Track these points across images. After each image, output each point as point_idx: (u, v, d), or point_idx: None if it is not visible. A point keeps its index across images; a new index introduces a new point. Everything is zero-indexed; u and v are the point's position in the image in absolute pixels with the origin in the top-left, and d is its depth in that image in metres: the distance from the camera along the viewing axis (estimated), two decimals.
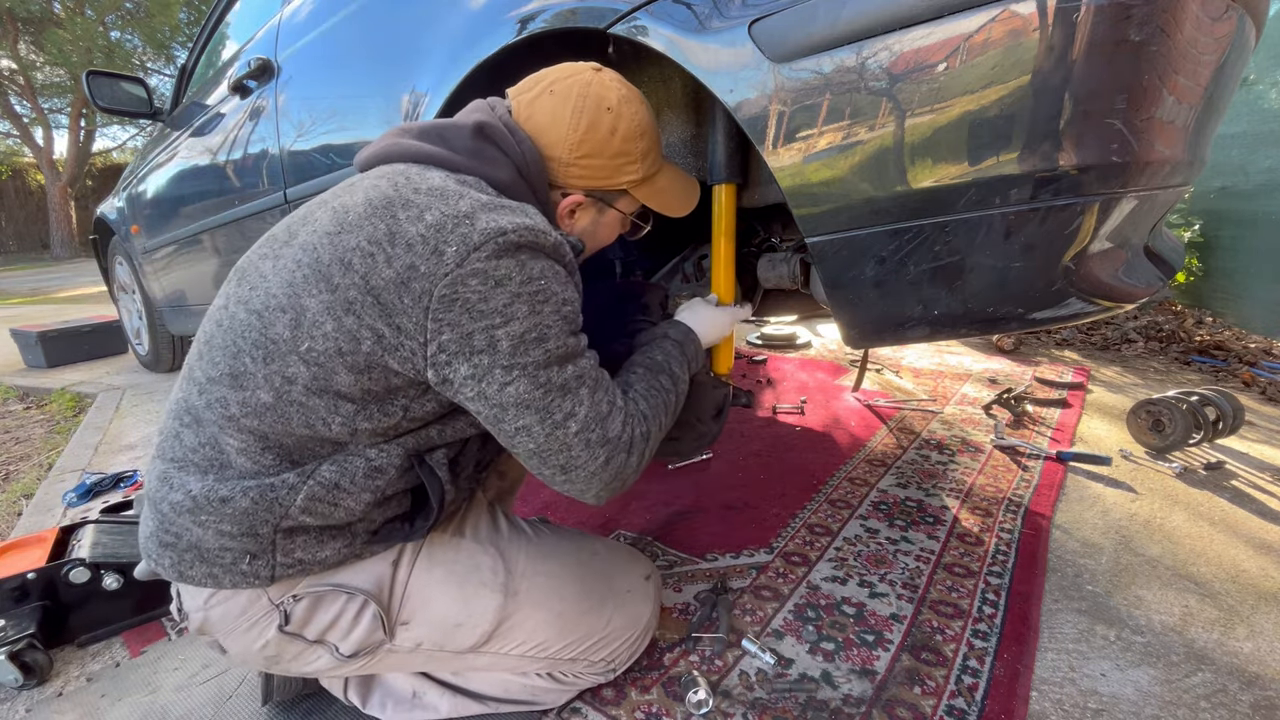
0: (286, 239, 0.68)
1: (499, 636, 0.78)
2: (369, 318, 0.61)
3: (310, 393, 0.63)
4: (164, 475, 0.69)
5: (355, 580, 0.72)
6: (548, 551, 0.84)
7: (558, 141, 0.74)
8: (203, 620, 0.71)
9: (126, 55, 13.91)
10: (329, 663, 0.74)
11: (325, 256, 0.63)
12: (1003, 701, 0.86)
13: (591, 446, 0.68)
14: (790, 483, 1.53)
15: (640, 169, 0.79)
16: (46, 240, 16.03)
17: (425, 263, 0.60)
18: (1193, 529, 1.30)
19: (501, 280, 0.61)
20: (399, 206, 0.63)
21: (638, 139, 0.77)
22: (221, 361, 0.66)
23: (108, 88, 2.26)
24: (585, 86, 0.75)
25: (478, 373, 0.63)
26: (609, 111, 0.75)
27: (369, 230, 0.62)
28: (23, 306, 6.68)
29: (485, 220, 0.62)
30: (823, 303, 1.00)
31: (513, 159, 0.72)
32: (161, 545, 0.67)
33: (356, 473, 0.67)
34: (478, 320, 0.61)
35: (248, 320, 0.65)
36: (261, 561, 0.67)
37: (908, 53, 0.66)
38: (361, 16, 1.34)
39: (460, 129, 0.72)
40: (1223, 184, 2.64)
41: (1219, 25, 0.67)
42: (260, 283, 0.67)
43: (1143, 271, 0.79)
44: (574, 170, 0.76)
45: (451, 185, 0.66)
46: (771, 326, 3.06)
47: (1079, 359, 2.60)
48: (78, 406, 2.66)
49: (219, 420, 0.66)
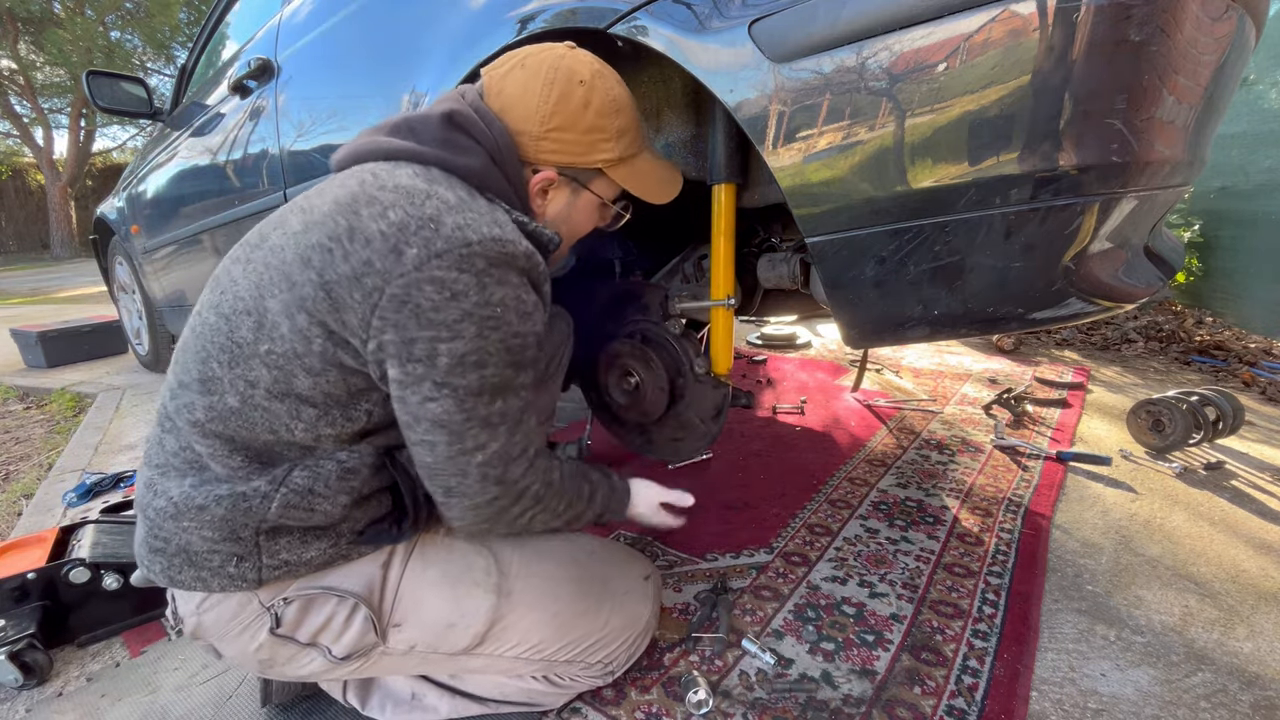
0: (258, 242, 0.69)
1: (493, 638, 0.77)
2: (319, 313, 0.61)
3: (272, 396, 0.64)
4: (149, 482, 0.70)
5: (345, 583, 0.72)
6: (543, 551, 0.82)
7: (528, 115, 0.72)
8: (196, 625, 0.71)
9: (126, 55, 13.90)
10: (323, 665, 0.73)
11: (289, 255, 0.63)
12: (1003, 701, 0.86)
13: (486, 481, 0.68)
14: (790, 483, 1.53)
15: (615, 148, 0.77)
16: (46, 240, 16.02)
17: (382, 260, 0.60)
18: (1193, 529, 1.30)
19: (458, 294, 0.61)
20: (363, 203, 0.63)
21: (612, 115, 0.75)
22: (192, 367, 0.67)
23: (108, 88, 2.26)
24: (558, 59, 0.73)
25: (406, 379, 0.63)
26: (581, 84, 0.73)
27: (330, 227, 0.62)
28: (23, 306, 6.68)
29: (451, 226, 0.61)
30: (823, 303, 1.00)
31: (484, 145, 0.71)
32: (152, 551, 0.68)
33: (329, 476, 0.67)
34: (424, 329, 0.60)
35: (216, 324, 0.66)
36: (248, 564, 0.67)
37: (908, 53, 0.66)
38: (361, 16, 1.34)
39: (429, 119, 0.71)
40: (1223, 184, 2.64)
41: (1219, 25, 0.67)
42: (230, 287, 0.67)
43: (1143, 271, 0.79)
44: (545, 144, 0.74)
45: (420, 184, 0.65)
46: (771, 326, 3.06)
47: (1079, 359, 2.60)
48: (78, 406, 2.66)
49: (187, 425, 0.66)
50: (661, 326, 1.18)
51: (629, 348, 1.21)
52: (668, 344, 1.17)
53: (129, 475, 1.78)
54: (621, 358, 1.23)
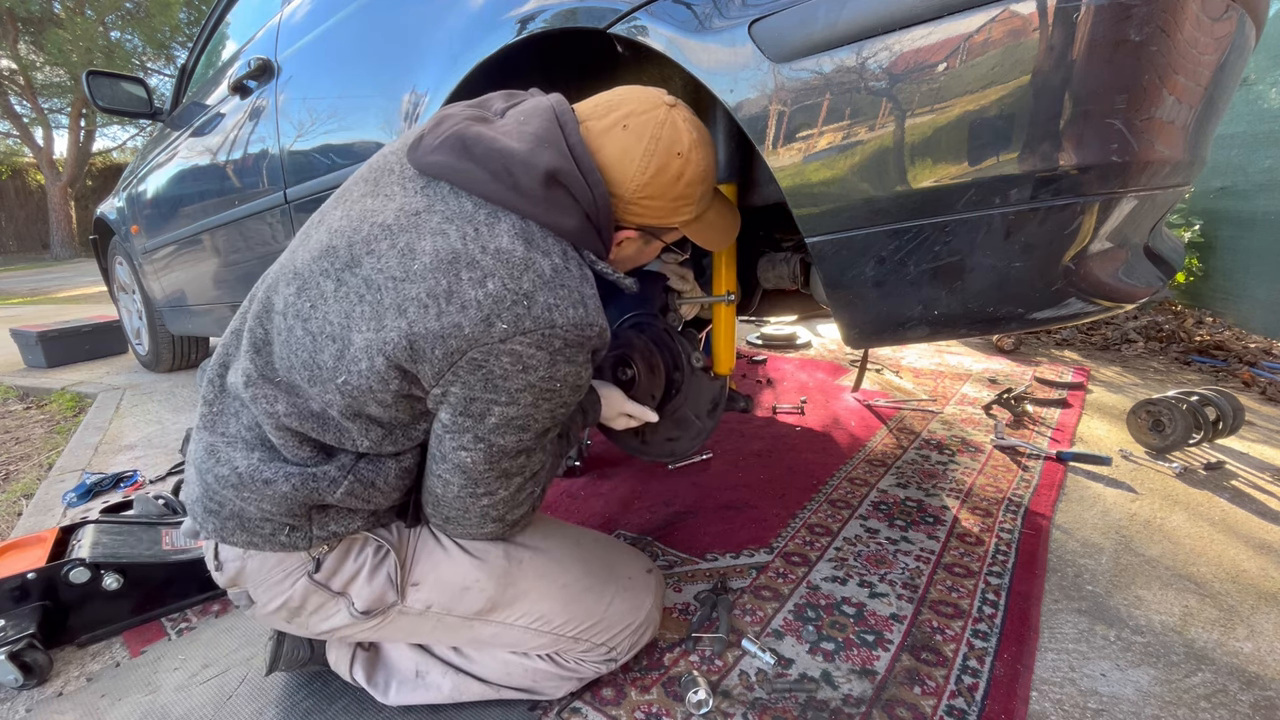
0: (349, 261, 0.67)
1: (504, 604, 0.81)
2: (398, 358, 0.64)
3: (345, 417, 0.69)
4: (211, 447, 0.73)
5: (381, 532, 0.79)
6: (551, 532, 0.88)
7: (623, 180, 0.72)
8: (238, 570, 0.76)
9: (126, 55, 13.90)
10: (344, 620, 0.78)
11: (386, 300, 0.64)
12: (1003, 701, 0.86)
13: (486, 520, 0.76)
14: (790, 483, 1.53)
15: (695, 210, 0.78)
16: (46, 240, 16.02)
17: (472, 328, 0.62)
18: (1193, 529, 1.30)
19: (529, 367, 0.64)
20: (464, 265, 0.63)
21: (700, 184, 0.76)
22: (277, 366, 0.71)
23: (108, 88, 2.26)
24: (659, 127, 0.71)
25: (453, 426, 0.68)
26: (679, 157, 0.72)
27: (430, 284, 0.63)
28: (23, 306, 6.68)
29: (542, 306, 0.63)
30: (823, 303, 1.00)
31: (583, 205, 0.70)
32: (206, 511, 0.73)
33: (389, 473, 0.73)
34: (488, 391, 0.65)
35: (303, 339, 0.68)
36: (299, 534, 0.73)
37: (908, 53, 0.65)
38: (361, 16, 1.34)
39: (532, 171, 0.66)
40: (1222, 184, 2.64)
41: (1219, 25, 0.67)
42: (320, 303, 0.68)
43: (1143, 271, 0.79)
44: (633, 209, 0.74)
45: (519, 250, 0.64)
46: (771, 326, 3.06)
47: (1079, 359, 2.60)
48: (78, 406, 2.66)
49: (264, 415, 0.70)
50: (660, 319, 1.18)
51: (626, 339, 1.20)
52: (665, 337, 1.17)
53: (129, 475, 1.78)
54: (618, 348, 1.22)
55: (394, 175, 0.73)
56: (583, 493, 1.53)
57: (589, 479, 1.60)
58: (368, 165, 0.78)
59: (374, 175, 0.75)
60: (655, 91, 0.75)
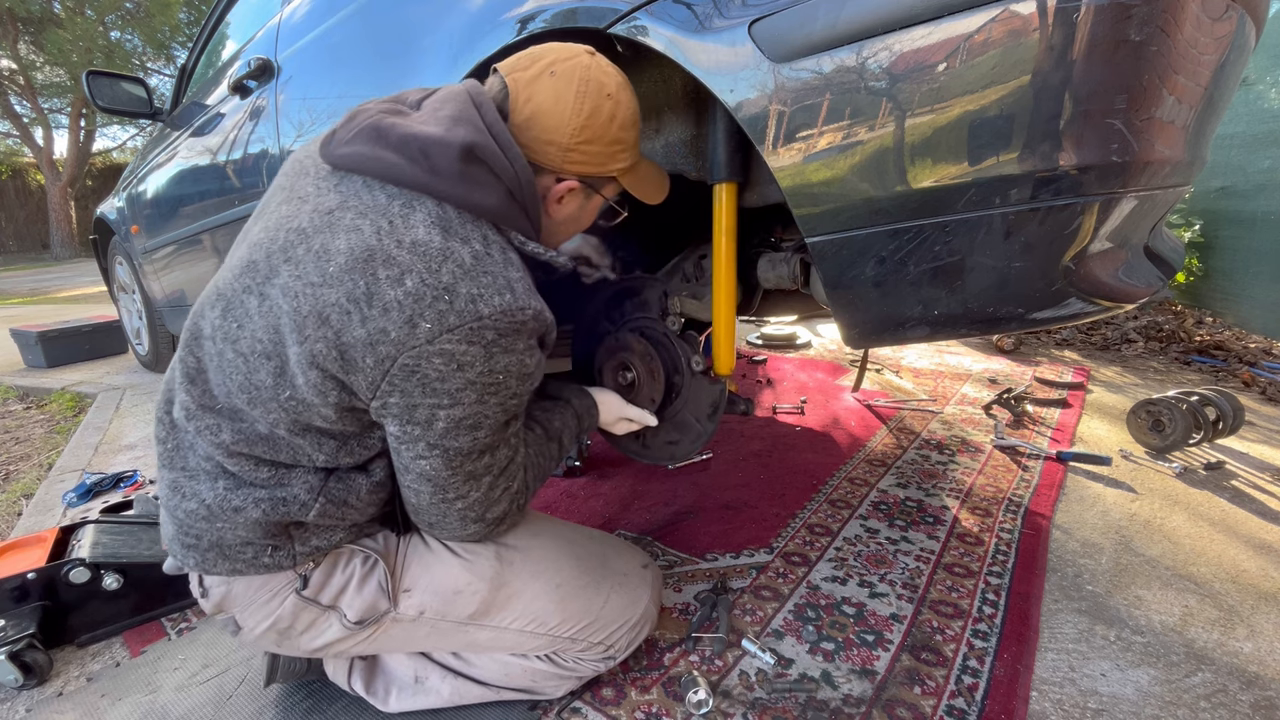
0: (268, 273, 0.65)
1: (498, 606, 0.80)
2: (332, 369, 0.63)
3: (293, 433, 0.67)
4: (174, 484, 0.71)
5: (367, 543, 0.78)
6: (542, 530, 0.87)
7: (559, 126, 0.72)
8: (224, 595, 0.74)
9: (126, 55, 13.88)
10: (338, 633, 0.77)
11: (305, 307, 0.62)
12: (1003, 701, 0.86)
13: (466, 521, 0.75)
14: (790, 483, 1.53)
15: (629, 157, 0.79)
16: (46, 240, 16.01)
17: (397, 330, 0.60)
18: (1193, 529, 1.30)
19: (464, 365, 0.63)
20: (380, 263, 0.61)
21: (631, 127, 0.77)
22: (215, 394, 0.69)
23: (108, 88, 2.26)
24: (586, 70, 0.72)
25: (403, 437, 0.67)
26: (609, 98, 0.73)
27: (349, 287, 0.61)
28: (23, 306, 6.68)
29: (465, 298, 0.61)
30: (823, 303, 1.00)
31: (504, 180, 0.68)
32: (184, 547, 0.71)
33: (360, 489, 0.73)
34: (428, 396, 0.63)
35: (235, 362, 0.66)
36: (283, 553, 0.72)
37: (908, 53, 0.65)
38: (361, 17, 1.34)
39: (447, 148, 0.65)
40: (1222, 184, 2.63)
41: (1219, 25, 0.67)
42: (246, 322, 0.66)
43: (1143, 271, 0.79)
44: (573, 156, 0.74)
45: (435, 240, 0.63)
46: (771, 326, 3.06)
47: (1079, 359, 2.60)
48: (78, 406, 2.66)
49: (211, 445, 0.68)
50: (660, 323, 1.18)
51: (626, 342, 1.20)
52: (665, 340, 1.17)
53: (129, 475, 1.78)
54: (618, 353, 1.22)
55: (308, 176, 0.70)
56: (582, 493, 1.53)
57: (589, 479, 1.60)
58: (283, 171, 0.76)
59: (289, 181, 0.73)
60: (575, 45, 0.76)
